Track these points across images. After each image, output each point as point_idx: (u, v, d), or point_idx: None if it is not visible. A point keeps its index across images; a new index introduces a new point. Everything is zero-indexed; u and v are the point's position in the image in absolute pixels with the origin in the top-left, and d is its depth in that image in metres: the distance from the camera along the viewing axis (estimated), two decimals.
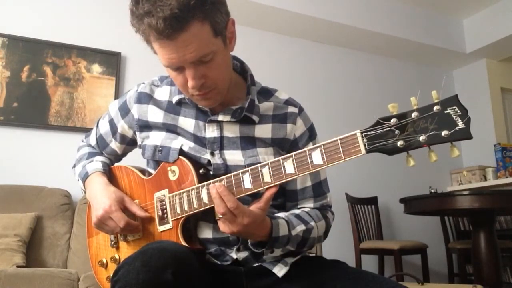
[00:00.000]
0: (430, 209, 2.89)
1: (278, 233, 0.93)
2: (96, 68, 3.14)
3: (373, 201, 3.78)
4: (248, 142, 1.04)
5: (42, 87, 2.96)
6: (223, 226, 0.89)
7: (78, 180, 1.18)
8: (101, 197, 1.05)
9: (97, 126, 1.23)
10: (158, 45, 0.90)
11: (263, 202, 0.88)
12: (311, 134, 1.11)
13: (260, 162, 0.91)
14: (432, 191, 3.87)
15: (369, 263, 3.56)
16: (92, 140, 1.23)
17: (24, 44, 2.96)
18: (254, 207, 0.88)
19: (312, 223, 1.02)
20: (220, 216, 0.87)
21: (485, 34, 4.24)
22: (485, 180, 4.12)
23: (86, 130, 2.77)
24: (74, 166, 1.23)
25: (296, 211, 1.04)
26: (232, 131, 1.04)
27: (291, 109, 1.10)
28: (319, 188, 1.09)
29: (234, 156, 1.02)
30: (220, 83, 0.97)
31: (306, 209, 1.06)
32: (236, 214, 0.86)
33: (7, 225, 2.31)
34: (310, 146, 1.08)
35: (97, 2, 3.25)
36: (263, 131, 1.06)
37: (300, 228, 0.98)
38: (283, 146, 1.07)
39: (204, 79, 0.93)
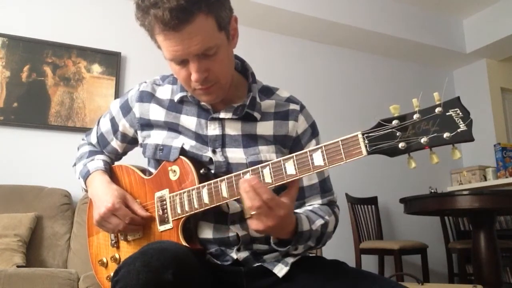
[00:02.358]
0: (430, 209, 2.89)
1: (302, 228, 0.92)
2: (96, 68, 3.13)
3: (373, 201, 3.79)
4: (250, 140, 1.04)
5: (42, 87, 2.96)
6: (257, 223, 0.83)
7: (79, 178, 1.18)
8: (103, 195, 1.05)
9: (98, 124, 1.23)
10: (163, 37, 0.90)
11: (293, 189, 0.86)
12: (313, 131, 1.11)
13: (262, 160, 0.91)
14: (432, 191, 3.87)
15: (369, 263, 3.56)
16: (93, 139, 1.24)
17: (24, 44, 2.96)
18: (285, 197, 0.85)
19: (327, 217, 1.02)
20: (253, 212, 0.82)
21: (485, 34, 4.24)
22: (485, 180, 4.12)
23: (86, 130, 2.76)
24: (75, 164, 1.23)
25: (309, 208, 1.05)
26: (234, 129, 1.04)
27: (292, 106, 1.10)
28: (325, 184, 1.09)
29: (236, 154, 1.02)
30: (222, 78, 0.98)
31: (316, 206, 1.06)
32: (273, 206, 0.82)
33: (7, 225, 2.31)
34: (313, 143, 1.08)
35: (97, 2, 3.25)
36: (265, 128, 1.06)
37: (319, 222, 0.98)
38: (285, 143, 1.07)
39: (207, 72, 0.94)
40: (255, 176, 0.85)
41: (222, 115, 1.03)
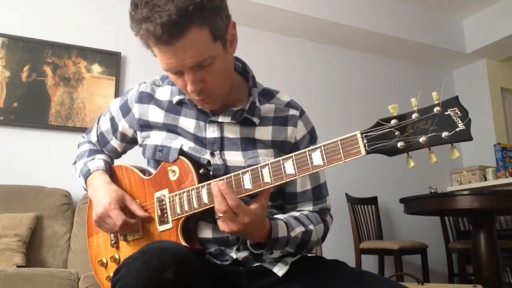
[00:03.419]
0: (430, 209, 2.89)
1: (277, 234, 0.93)
2: (96, 68, 3.13)
3: (373, 201, 3.78)
4: (248, 143, 1.04)
5: (42, 87, 2.96)
6: (223, 225, 0.88)
7: (79, 176, 1.18)
8: (102, 195, 1.05)
9: (98, 123, 1.23)
10: (157, 50, 0.90)
11: (263, 198, 0.89)
12: (312, 137, 1.10)
13: (260, 163, 0.91)
14: (432, 191, 3.87)
15: (369, 263, 3.56)
16: (93, 137, 1.24)
17: (24, 44, 2.96)
18: (254, 205, 0.89)
19: (311, 226, 1.02)
20: (220, 215, 0.87)
21: (485, 34, 4.24)
22: (485, 180, 4.11)
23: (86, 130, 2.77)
24: (75, 162, 1.23)
25: (295, 214, 1.04)
26: (232, 132, 1.04)
27: (292, 111, 1.09)
28: (319, 192, 1.09)
29: (234, 157, 1.02)
30: (219, 88, 0.97)
31: (305, 212, 1.06)
32: (237, 213, 0.86)
33: (7, 225, 2.31)
34: None
35: (97, 2, 3.25)
36: (264, 133, 1.05)
37: (299, 230, 0.98)
38: (283, 148, 1.07)
39: (203, 83, 0.93)
40: (224, 182, 0.89)
41: (221, 118, 1.03)
